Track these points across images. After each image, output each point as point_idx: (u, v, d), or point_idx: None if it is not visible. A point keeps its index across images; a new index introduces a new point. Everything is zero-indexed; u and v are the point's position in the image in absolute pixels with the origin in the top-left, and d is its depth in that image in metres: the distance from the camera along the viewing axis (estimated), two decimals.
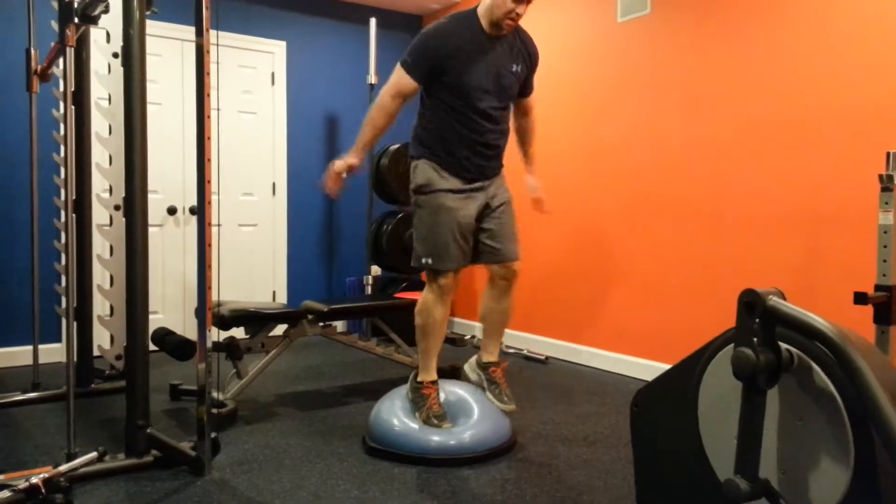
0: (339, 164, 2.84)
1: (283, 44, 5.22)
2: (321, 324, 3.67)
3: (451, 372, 4.00)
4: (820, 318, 1.43)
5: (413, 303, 3.94)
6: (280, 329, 3.67)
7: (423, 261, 2.81)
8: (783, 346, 1.52)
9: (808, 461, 1.48)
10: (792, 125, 3.34)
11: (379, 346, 4.02)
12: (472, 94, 2.71)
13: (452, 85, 2.70)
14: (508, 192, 2.97)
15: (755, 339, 1.49)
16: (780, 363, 1.49)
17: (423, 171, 2.81)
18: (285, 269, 5.30)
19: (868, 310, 2.65)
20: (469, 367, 3.12)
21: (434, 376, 2.89)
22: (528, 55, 2.86)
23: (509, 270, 2.91)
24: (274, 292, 5.27)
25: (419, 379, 2.88)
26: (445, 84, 2.71)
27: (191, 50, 4.81)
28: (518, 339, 4.93)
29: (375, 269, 5.34)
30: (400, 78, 2.73)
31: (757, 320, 1.49)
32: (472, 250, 2.86)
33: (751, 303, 1.49)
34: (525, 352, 4.71)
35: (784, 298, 1.50)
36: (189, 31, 4.77)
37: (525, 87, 2.94)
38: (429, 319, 2.84)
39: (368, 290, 5.24)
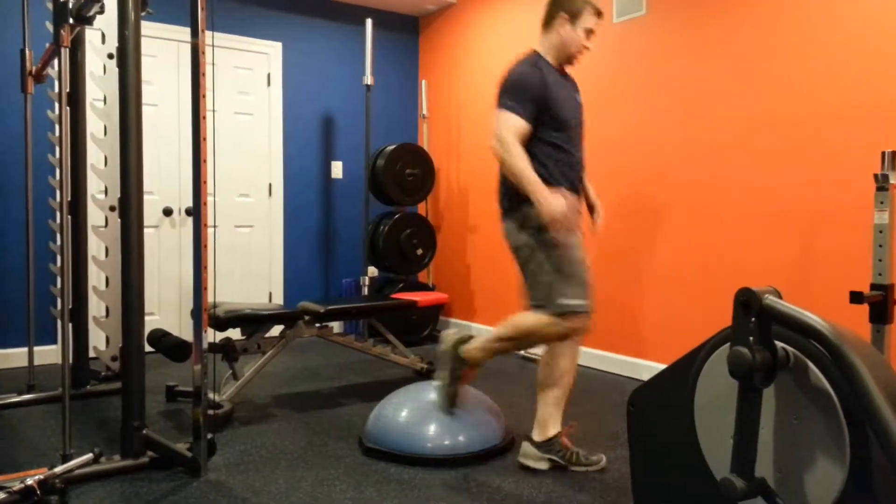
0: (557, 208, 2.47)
1: (278, 45, 5.22)
2: (318, 325, 3.67)
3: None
4: (816, 316, 1.43)
5: (410, 303, 3.95)
6: (276, 330, 3.67)
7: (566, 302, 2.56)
8: (779, 344, 1.52)
9: (803, 460, 1.49)
10: (787, 125, 3.35)
11: (376, 346, 4.01)
12: (569, 126, 2.66)
13: (556, 119, 2.62)
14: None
15: (751, 338, 1.49)
16: (776, 362, 1.49)
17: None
18: (282, 270, 5.30)
19: (864, 309, 2.66)
20: (533, 458, 2.70)
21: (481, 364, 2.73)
22: (578, 88, 2.85)
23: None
24: (270, 293, 5.26)
25: (470, 353, 2.69)
26: (548, 120, 2.61)
27: (186, 51, 4.81)
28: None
29: (372, 271, 5.34)
30: (514, 121, 2.56)
31: (753, 319, 1.49)
32: None
33: (747, 301, 1.49)
34: (521, 352, 4.72)
35: (780, 297, 1.50)
36: (184, 32, 4.77)
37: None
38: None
39: (365, 291, 5.24)
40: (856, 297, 2.41)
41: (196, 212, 2.53)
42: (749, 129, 3.51)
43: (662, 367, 1.76)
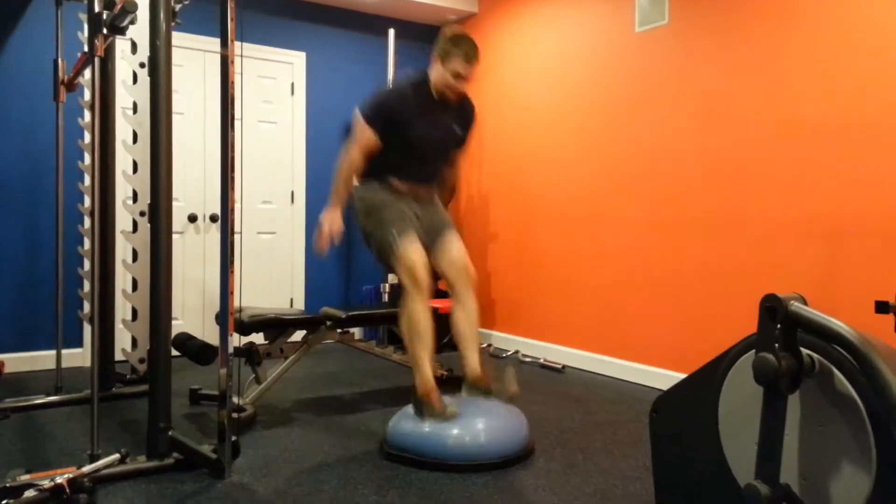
0: (330, 223, 3.06)
1: (302, 54, 5.29)
2: (339, 330, 3.70)
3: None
4: (842, 323, 1.43)
5: (430, 310, 3.96)
6: (299, 335, 3.71)
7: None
8: (804, 351, 1.52)
9: (829, 467, 1.49)
10: (811, 133, 3.34)
11: (396, 353, 4.03)
12: (416, 145, 3.07)
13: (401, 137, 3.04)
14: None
15: (777, 345, 1.50)
16: (801, 368, 1.49)
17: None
18: (303, 276, 5.35)
19: (889, 319, 2.64)
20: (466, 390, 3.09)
21: (430, 382, 2.88)
22: (467, 120, 3.25)
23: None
24: (292, 299, 5.31)
25: (417, 394, 2.88)
26: (395, 137, 3.04)
27: (212, 60, 4.89)
28: (535, 347, 4.93)
29: (392, 278, 5.37)
30: (364, 132, 3.04)
31: (779, 326, 1.50)
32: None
33: (773, 308, 1.50)
34: (542, 360, 4.72)
35: (805, 304, 1.50)
36: (210, 42, 4.86)
37: (461, 144, 3.31)
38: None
39: (385, 298, 5.27)
40: (881, 307, 2.39)
41: (224, 217, 2.57)
42: (772, 137, 3.51)
43: (683, 377, 1.76)
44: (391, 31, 5.12)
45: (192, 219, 4.85)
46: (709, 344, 3.77)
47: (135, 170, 3.35)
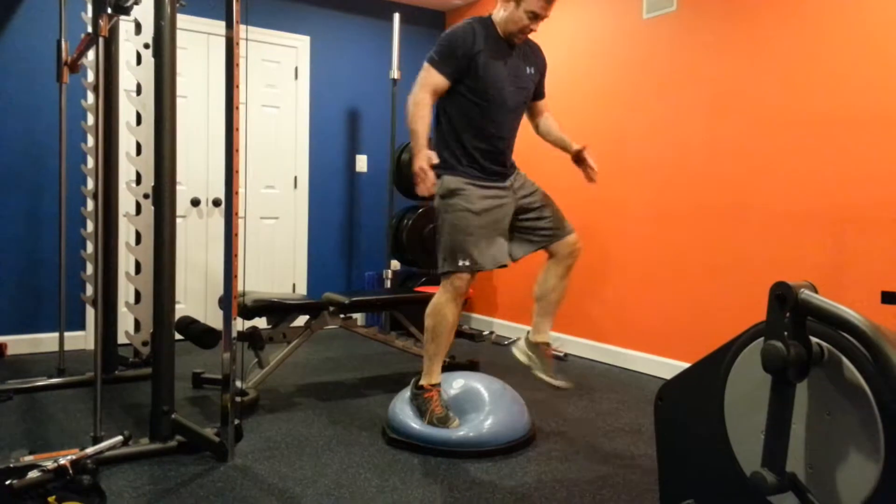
0: (425, 162, 2.66)
1: (306, 38, 5.26)
2: (342, 316, 3.69)
3: (470, 366, 4.02)
4: (853, 311, 1.42)
5: (433, 297, 3.96)
6: (302, 320, 3.70)
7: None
8: (813, 339, 1.51)
9: (836, 456, 1.48)
10: (819, 123, 3.32)
11: (398, 339, 4.03)
12: (491, 100, 2.78)
13: (475, 89, 2.76)
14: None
15: (785, 333, 1.48)
16: (810, 357, 1.48)
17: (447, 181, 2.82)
18: (305, 261, 5.34)
19: (895, 310, 2.63)
20: (519, 350, 3.07)
21: (438, 380, 2.86)
22: (538, 61, 2.99)
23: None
24: (294, 285, 5.31)
25: (420, 383, 2.87)
26: (469, 86, 2.77)
27: (216, 43, 4.86)
28: None
29: (395, 264, 5.36)
30: (431, 75, 2.74)
31: (788, 313, 1.48)
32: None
33: (782, 295, 1.48)
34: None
35: (816, 292, 1.49)
36: (214, 25, 4.83)
37: (538, 91, 3.04)
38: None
39: (388, 284, 5.27)
40: (888, 297, 2.37)
41: (228, 201, 2.56)
42: (779, 127, 3.48)
43: (687, 366, 1.76)
44: (396, 16, 5.08)
45: (195, 203, 4.84)
46: (713, 334, 3.76)
47: (138, 152, 3.33)
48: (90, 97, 4.32)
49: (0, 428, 2.91)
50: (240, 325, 4.68)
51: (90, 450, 2.44)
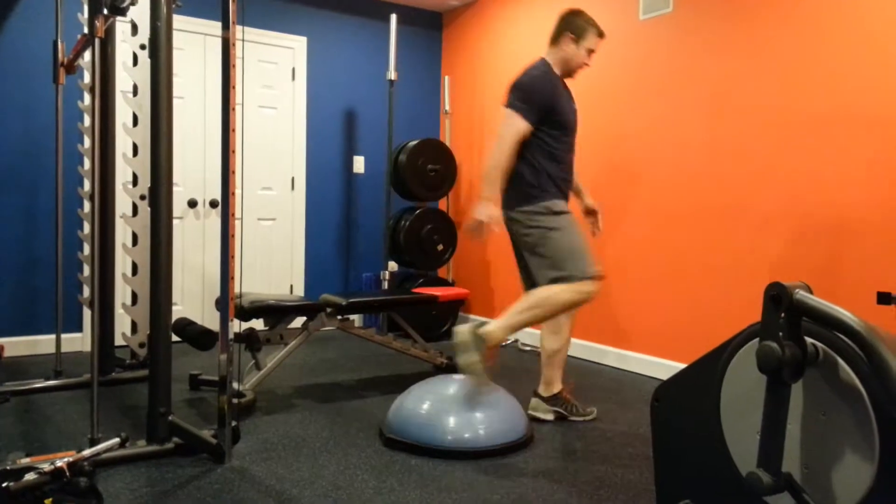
0: (486, 217, 2.86)
1: (303, 39, 5.26)
2: (339, 317, 3.69)
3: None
4: (847, 311, 1.42)
5: (431, 298, 3.97)
6: (299, 321, 3.70)
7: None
8: (808, 340, 1.52)
9: (831, 456, 1.48)
10: (816, 124, 3.33)
11: (396, 340, 4.04)
12: (569, 132, 3.08)
13: (558, 124, 3.01)
14: None
15: (781, 333, 1.49)
16: (805, 357, 1.49)
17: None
18: (303, 263, 5.34)
19: (891, 310, 2.64)
20: (542, 410, 3.23)
21: (501, 342, 2.88)
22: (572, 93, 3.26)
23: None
24: (291, 286, 5.31)
25: (491, 334, 2.80)
26: (550, 126, 3.00)
27: (213, 44, 4.86)
28: (534, 336, 4.93)
29: (392, 265, 5.37)
30: (517, 123, 2.94)
31: (783, 314, 1.49)
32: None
33: (777, 296, 1.49)
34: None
35: (811, 292, 1.50)
36: (211, 26, 4.83)
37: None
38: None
39: (385, 285, 5.27)
40: (883, 298, 2.38)
41: (224, 202, 2.56)
42: (776, 128, 3.49)
43: (683, 366, 1.76)
44: (393, 17, 5.09)
45: (192, 204, 4.84)
46: (709, 334, 3.77)
47: (135, 153, 3.33)
48: (86, 98, 4.32)
49: None
50: (237, 326, 4.69)
51: (87, 452, 2.43)
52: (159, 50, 2.65)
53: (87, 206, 4.11)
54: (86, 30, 3.67)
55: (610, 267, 4.39)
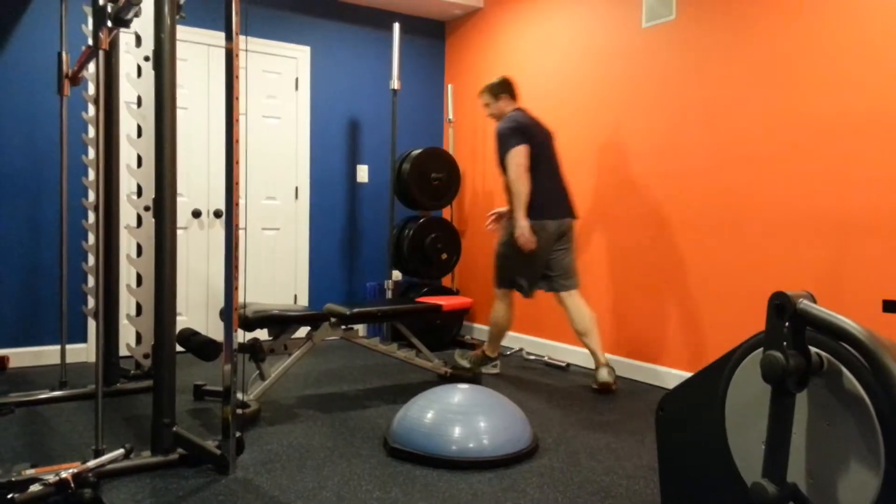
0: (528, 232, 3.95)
1: (307, 49, 5.28)
2: (343, 327, 3.69)
3: (471, 379, 4.01)
4: (851, 321, 1.42)
5: (435, 307, 3.97)
6: (303, 331, 3.70)
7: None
8: (813, 349, 1.51)
9: (836, 466, 1.48)
10: (818, 131, 3.32)
11: (400, 350, 4.03)
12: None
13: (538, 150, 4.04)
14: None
15: (785, 343, 1.48)
16: (809, 367, 1.48)
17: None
18: (307, 272, 5.35)
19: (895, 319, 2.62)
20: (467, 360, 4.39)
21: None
22: None
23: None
24: (295, 296, 5.31)
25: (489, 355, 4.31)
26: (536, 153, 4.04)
27: (217, 55, 4.88)
28: (539, 345, 4.92)
29: (396, 274, 5.36)
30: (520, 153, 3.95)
31: (787, 323, 1.48)
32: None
33: (781, 305, 1.48)
34: (546, 358, 4.71)
35: (815, 301, 1.49)
36: (215, 37, 4.85)
37: None
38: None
39: (389, 294, 5.27)
40: (889, 306, 2.37)
41: (228, 213, 2.56)
42: (779, 134, 3.49)
43: (688, 375, 1.75)
44: (396, 26, 5.11)
45: (196, 214, 4.85)
46: (714, 343, 3.76)
47: (139, 164, 3.34)
48: (91, 109, 4.35)
49: (2, 441, 2.91)
50: (241, 336, 4.70)
51: (92, 463, 2.44)
52: (163, 61, 2.66)
53: (91, 216, 4.12)
54: (90, 41, 3.70)
55: (613, 275, 4.39)
